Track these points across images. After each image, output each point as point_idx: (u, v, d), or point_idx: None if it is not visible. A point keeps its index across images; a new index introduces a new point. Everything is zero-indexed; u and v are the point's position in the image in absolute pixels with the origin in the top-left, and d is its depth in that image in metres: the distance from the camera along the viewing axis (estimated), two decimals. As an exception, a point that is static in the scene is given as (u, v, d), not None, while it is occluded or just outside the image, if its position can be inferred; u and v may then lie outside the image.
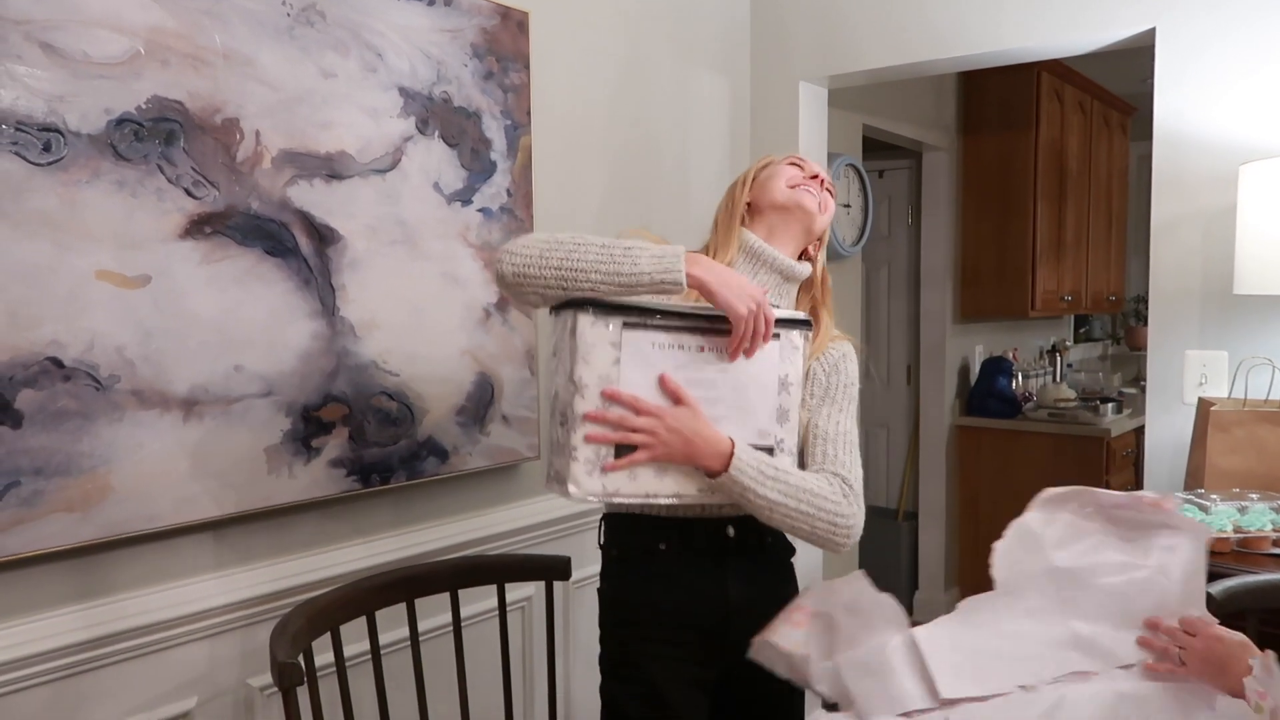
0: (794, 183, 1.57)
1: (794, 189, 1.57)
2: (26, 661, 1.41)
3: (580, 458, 1.33)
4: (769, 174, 1.61)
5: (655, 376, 1.35)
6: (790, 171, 1.60)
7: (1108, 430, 3.93)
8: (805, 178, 1.59)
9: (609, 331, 1.33)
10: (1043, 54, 2.59)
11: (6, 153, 1.35)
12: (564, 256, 1.31)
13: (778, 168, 1.62)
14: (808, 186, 1.58)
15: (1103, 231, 4.71)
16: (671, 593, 1.49)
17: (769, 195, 1.58)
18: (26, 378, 1.38)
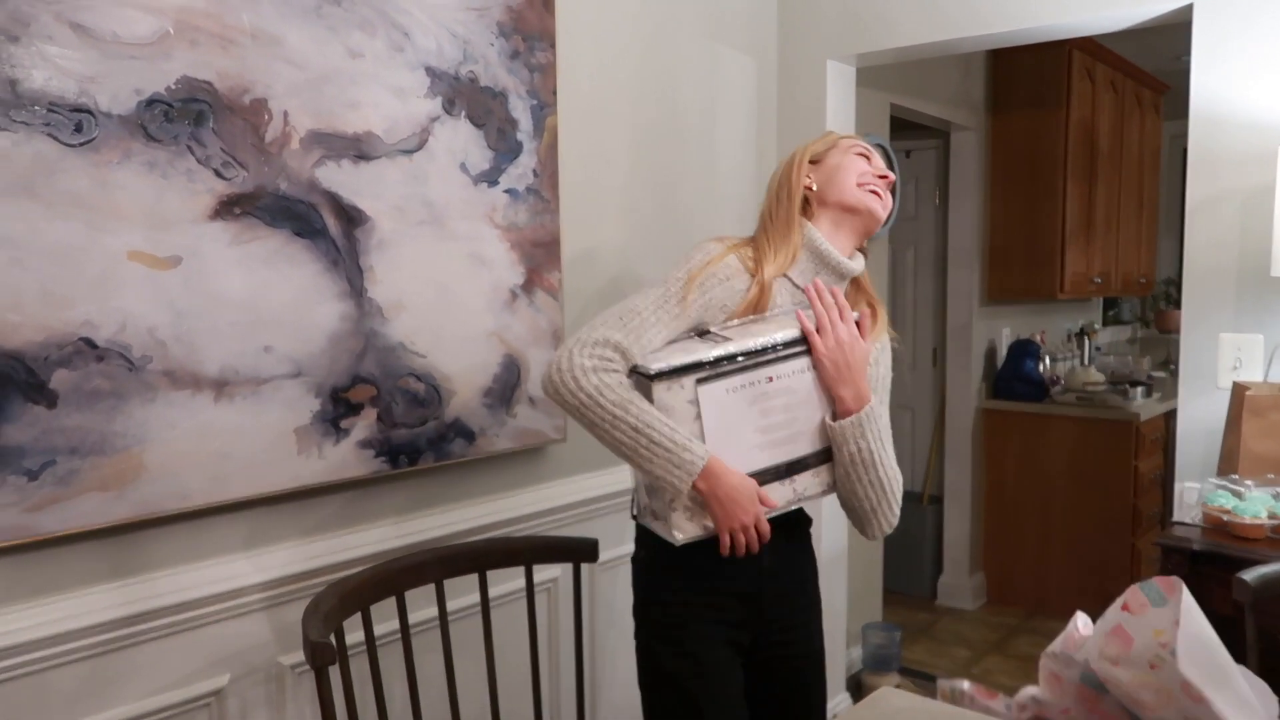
0: (864, 181, 1.56)
1: (864, 189, 1.55)
2: (63, 638, 1.43)
3: (680, 506, 1.43)
4: (837, 165, 1.58)
5: (736, 414, 1.44)
6: (860, 166, 1.57)
7: (1137, 414, 3.89)
8: (874, 176, 1.57)
9: (684, 392, 1.41)
10: (1078, 31, 2.54)
11: (39, 134, 1.36)
12: (598, 420, 1.39)
13: (847, 158, 1.58)
14: (875, 186, 1.56)
15: (1133, 212, 4.64)
16: (712, 559, 1.50)
17: (838, 191, 1.56)
18: (61, 358, 1.39)
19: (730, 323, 1.51)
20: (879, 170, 1.58)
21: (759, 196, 2.82)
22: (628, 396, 1.39)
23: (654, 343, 1.44)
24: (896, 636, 3.33)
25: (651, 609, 1.61)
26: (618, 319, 1.44)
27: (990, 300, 4.22)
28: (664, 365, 1.39)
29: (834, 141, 1.63)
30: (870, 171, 1.57)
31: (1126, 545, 3.93)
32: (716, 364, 1.41)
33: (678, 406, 1.41)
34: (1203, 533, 2.02)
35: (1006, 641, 3.83)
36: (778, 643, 1.62)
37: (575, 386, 1.39)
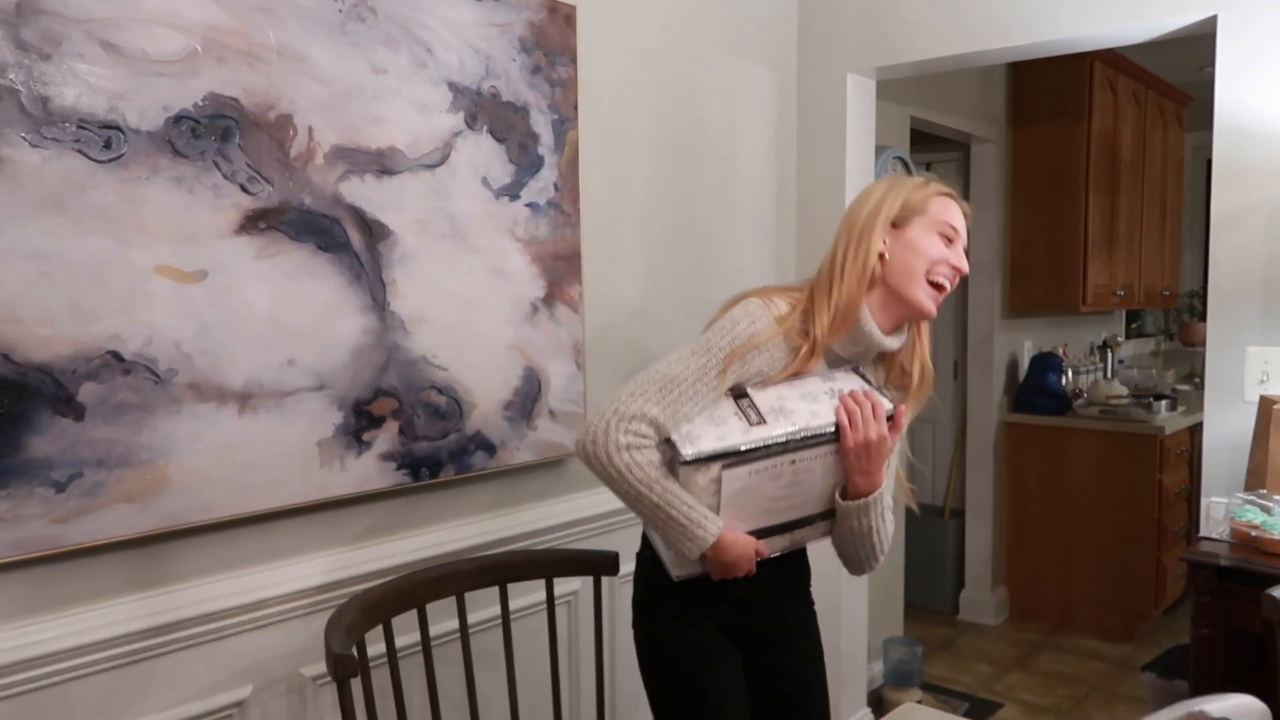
0: (935, 276, 1.48)
1: (931, 286, 1.48)
2: (88, 649, 1.45)
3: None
4: (916, 242, 1.48)
5: (754, 489, 1.48)
6: (937, 251, 1.48)
7: (1161, 428, 3.85)
8: (950, 268, 1.49)
9: (709, 472, 1.45)
10: (1100, 43, 2.53)
11: (69, 150, 1.38)
12: (623, 492, 1.47)
13: (928, 239, 1.48)
14: (945, 280, 1.49)
15: (1156, 224, 4.61)
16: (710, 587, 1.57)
17: (905, 278, 1.48)
18: (88, 371, 1.41)
19: (766, 387, 1.50)
20: (957, 260, 1.49)
21: (779, 209, 2.83)
22: (654, 476, 1.44)
23: (690, 415, 1.46)
24: (918, 651, 3.30)
25: (660, 600, 1.64)
26: (657, 390, 1.45)
27: (1012, 313, 4.19)
28: (694, 453, 1.43)
29: (926, 201, 1.50)
30: (947, 261, 1.48)
31: (1151, 560, 3.88)
32: (747, 453, 1.44)
33: (701, 483, 1.46)
34: (1230, 548, 1.99)
35: (1030, 658, 3.79)
36: (773, 646, 1.66)
37: (607, 460, 1.44)
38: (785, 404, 1.47)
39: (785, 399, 1.48)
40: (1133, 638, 3.91)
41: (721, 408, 1.47)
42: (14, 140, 1.33)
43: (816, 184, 2.85)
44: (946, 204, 1.51)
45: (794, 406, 1.47)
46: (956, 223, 1.50)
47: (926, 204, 1.50)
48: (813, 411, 1.47)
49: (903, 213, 1.50)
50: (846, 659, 2.88)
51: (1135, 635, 3.92)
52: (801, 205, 2.89)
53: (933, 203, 1.50)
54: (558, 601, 2.01)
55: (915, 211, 1.50)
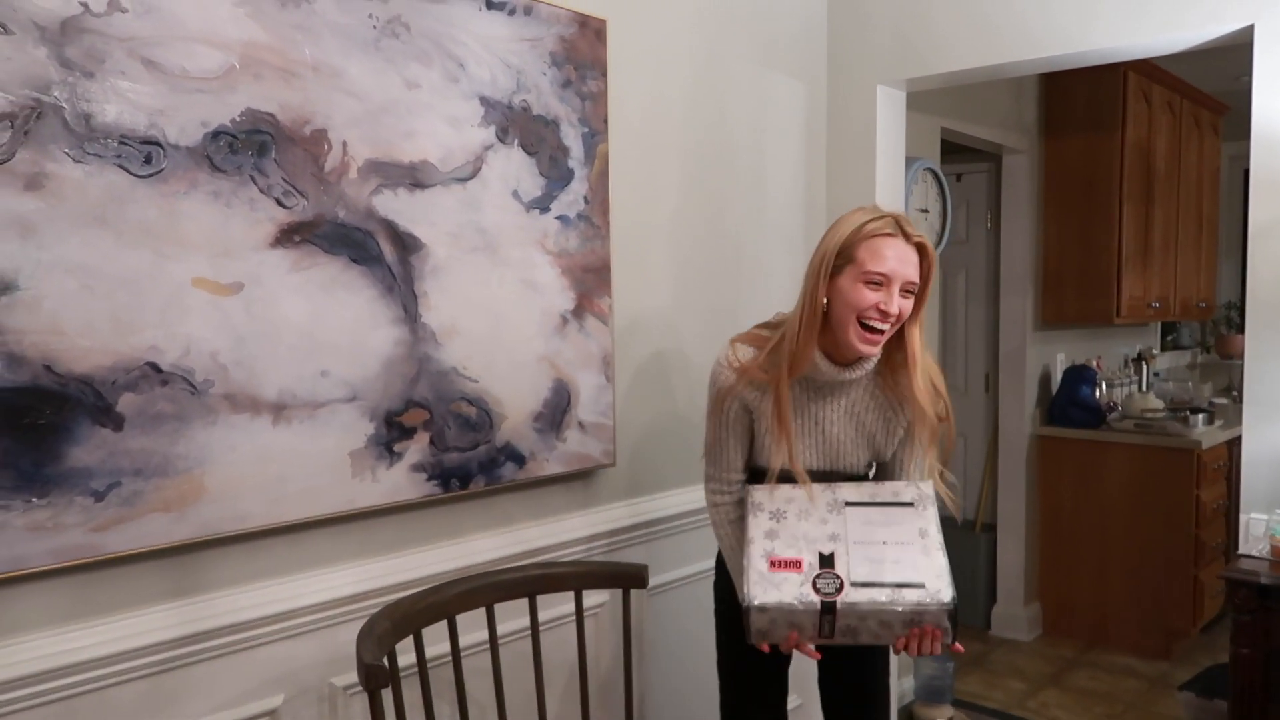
0: (865, 315, 1.58)
1: (862, 329, 1.59)
2: (125, 656, 1.47)
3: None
4: (847, 291, 1.58)
5: None
6: (867, 300, 1.57)
7: (1198, 442, 3.79)
8: (879, 308, 1.57)
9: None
10: (1134, 53, 2.51)
11: (111, 165, 1.41)
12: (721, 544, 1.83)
13: (856, 291, 1.57)
14: (877, 325, 1.58)
15: (1192, 235, 4.54)
16: None
17: (838, 320, 1.61)
18: (127, 382, 1.44)
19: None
20: (885, 304, 1.56)
21: (808, 221, 2.83)
22: (725, 529, 1.81)
23: (735, 456, 1.78)
24: (950, 667, 3.27)
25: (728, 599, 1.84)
26: (709, 456, 1.81)
27: (1044, 325, 4.15)
28: (758, 603, 1.58)
29: (855, 248, 1.59)
30: (875, 307, 1.57)
31: (1189, 577, 3.81)
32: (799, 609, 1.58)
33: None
34: (1271, 566, 1.95)
35: (1063, 674, 3.73)
36: None
37: (709, 510, 1.84)
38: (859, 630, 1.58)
39: (865, 621, 1.57)
40: (1170, 656, 3.84)
41: (806, 617, 1.57)
42: (58, 156, 1.36)
43: (846, 196, 2.85)
44: (874, 249, 1.57)
45: (865, 631, 1.58)
46: (882, 269, 1.56)
47: (855, 250, 1.58)
48: (877, 635, 1.60)
49: (839, 261, 1.60)
50: (877, 674, 2.85)
51: (1172, 653, 3.85)
52: (831, 218, 2.88)
53: (860, 249, 1.58)
54: (586, 614, 2.01)
55: (848, 260, 1.59)
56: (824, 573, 1.58)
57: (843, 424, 1.73)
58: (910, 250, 1.58)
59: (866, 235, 1.57)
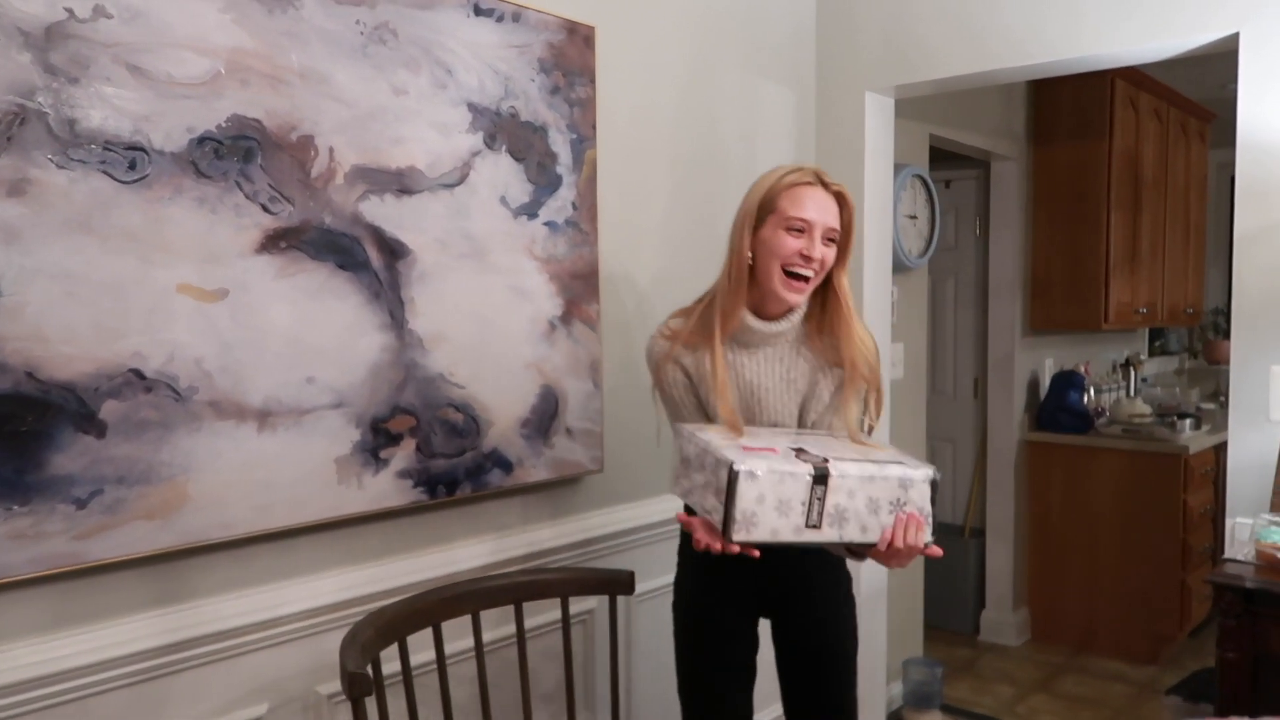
0: (789, 262, 1.60)
1: (787, 277, 1.60)
2: (108, 665, 1.46)
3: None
4: (770, 240, 1.60)
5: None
6: (789, 247, 1.59)
7: (1185, 447, 3.80)
8: (801, 253, 1.59)
9: None
10: (1121, 61, 2.52)
11: (95, 171, 1.40)
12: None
13: (777, 238, 1.59)
14: (802, 270, 1.60)
15: (1180, 242, 4.57)
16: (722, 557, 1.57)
17: (764, 274, 1.62)
18: (111, 389, 1.43)
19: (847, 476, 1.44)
20: (807, 249, 1.59)
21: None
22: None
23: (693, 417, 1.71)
24: (938, 673, 3.27)
25: (685, 592, 1.79)
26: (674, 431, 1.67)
27: (1033, 331, 4.16)
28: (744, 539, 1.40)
29: (776, 198, 1.61)
30: (799, 253, 1.59)
31: (1176, 582, 3.82)
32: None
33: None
34: (1256, 570, 1.96)
35: (1052, 680, 3.74)
36: (792, 622, 1.76)
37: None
38: (847, 511, 1.44)
39: (854, 498, 1.44)
40: (1157, 660, 3.85)
41: (795, 489, 1.41)
42: (41, 162, 1.35)
43: (835, 202, 2.85)
44: (794, 196, 1.60)
45: (852, 515, 1.44)
46: (805, 215, 1.59)
47: (777, 201, 1.61)
48: (863, 527, 1.45)
49: (761, 213, 1.62)
50: (866, 680, 2.84)
51: (1160, 658, 3.86)
52: (820, 223, 2.88)
53: (781, 199, 1.61)
54: (573, 620, 2.00)
55: (770, 210, 1.61)
56: (803, 454, 1.45)
57: (774, 384, 1.69)
58: (830, 199, 1.62)
59: (787, 185, 1.61)
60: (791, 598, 1.74)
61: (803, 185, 1.61)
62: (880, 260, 2.88)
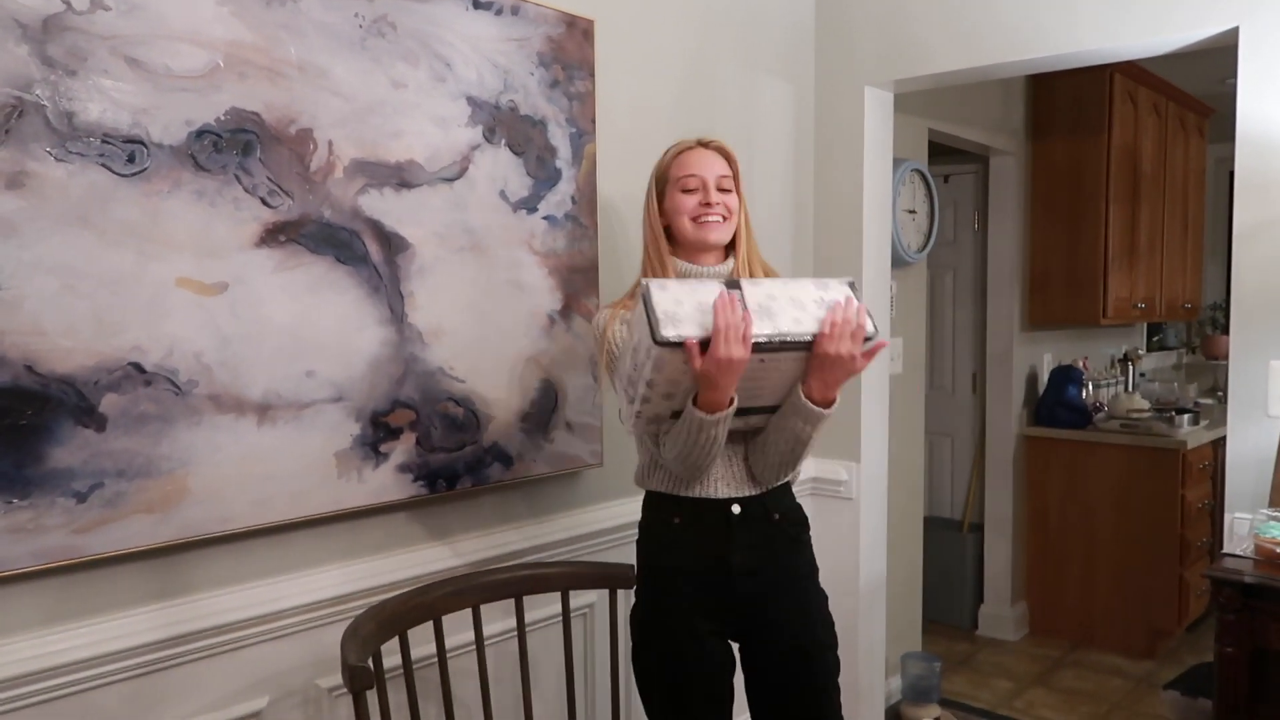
0: (694, 215, 1.70)
1: (697, 223, 1.70)
2: (108, 658, 1.46)
3: None
4: (673, 203, 1.72)
5: None
6: (689, 203, 1.70)
7: (1184, 442, 3.81)
8: (701, 204, 1.69)
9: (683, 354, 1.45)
10: (1119, 56, 2.52)
11: (94, 164, 1.40)
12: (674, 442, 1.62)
13: (676, 199, 1.71)
14: (707, 216, 1.69)
15: (1178, 237, 4.57)
16: (682, 557, 1.70)
17: (680, 231, 1.72)
18: (110, 382, 1.43)
19: (759, 283, 1.53)
20: (704, 198, 1.69)
21: (795, 222, 2.83)
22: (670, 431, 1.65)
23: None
24: (936, 667, 3.28)
25: (640, 608, 1.76)
26: (625, 394, 1.62)
27: (1031, 325, 4.17)
28: (674, 336, 1.43)
29: (667, 168, 1.74)
30: (697, 204, 1.70)
31: (1174, 576, 3.83)
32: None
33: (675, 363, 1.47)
34: (1255, 565, 1.96)
35: (1050, 674, 3.75)
36: (761, 637, 1.72)
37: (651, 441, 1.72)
38: (773, 305, 1.49)
39: (774, 299, 1.50)
40: (1155, 655, 3.86)
41: (709, 292, 1.47)
42: (39, 155, 1.35)
43: (833, 197, 2.85)
44: (681, 160, 1.73)
45: (780, 309, 1.49)
46: (692, 171, 1.71)
47: (668, 171, 1.74)
48: (796, 319, 1.49)
49: (659, 186, 1.75)
50: (864, 674, 2.86)
51: (1158, 652, 3.87)
52: (818, 218, 2.89)
53: (672, 168, 1.74)
54: (573, 614, 2.01)
55: (665, 181, 1.74)
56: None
57: None
58: (712, 154, 1.74)
59: (673, 155, 1.75)
60: (761, 601, 1.71)
61: (685, 150, 1.75)
62: (879, 255, 2.88)
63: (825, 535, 2.87)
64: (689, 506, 1.69)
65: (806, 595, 1.76)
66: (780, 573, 1.72)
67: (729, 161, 1.75)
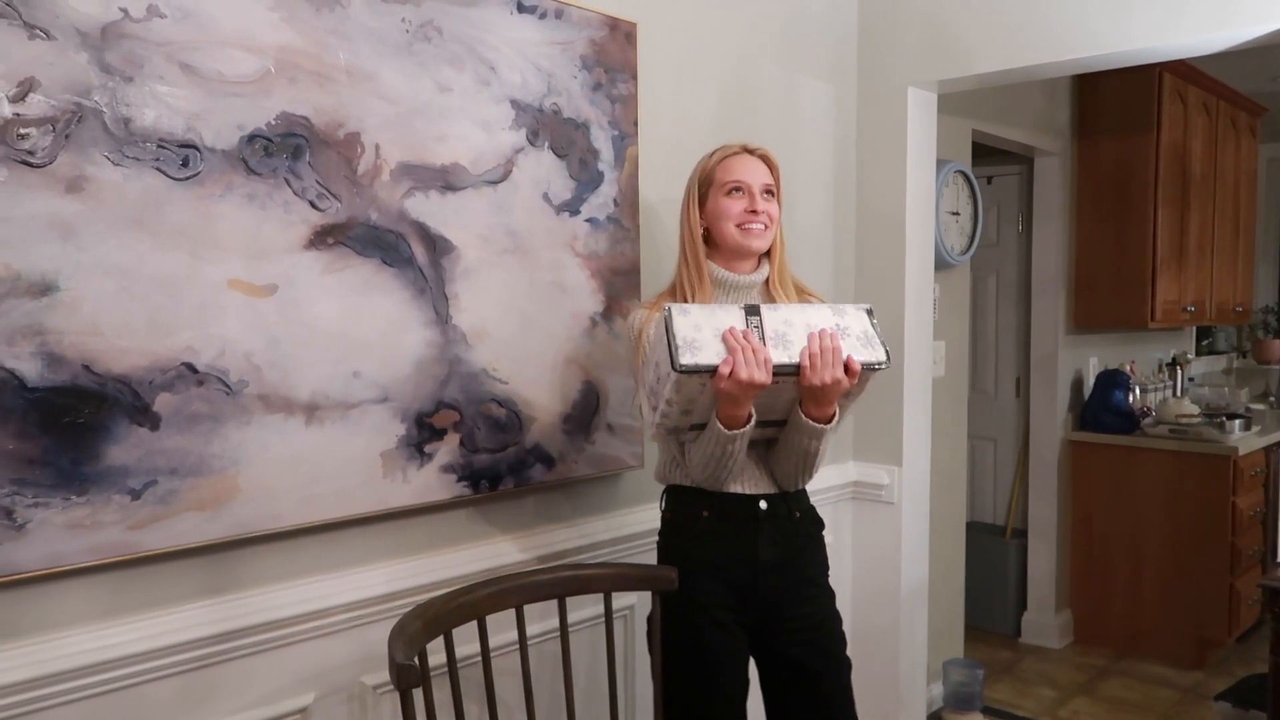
0: (740, 221, 1.75)
1: (742, 229, 1.75)
2: (161, 653, 1.48)
3: None
4: (716, 207, 1.76)
5: None
6: (734, 208, 1.75)
7: (1235, 448, 3.73)
8: (747, 211, 1.74)
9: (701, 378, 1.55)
10: (1170, 55, 2.47)
11: (149, 168, 1.43)
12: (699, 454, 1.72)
13: (720, 202, 1.75)
14: (752, 223, 1.75)
15: (1228, 238, 4.48)
16: (709, 550, 1.77)
17: (721, 236, 1.77)
18: (164, 382, 1.45)
19: (778, 308, 1.61)
20: (750, 206, 1.74)
21: (837, 224, 2.82)
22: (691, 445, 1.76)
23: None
24: (979, 674, 3.24)
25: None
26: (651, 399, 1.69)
27: (1077, 329, 4.10)
28: (691, 364, 1.52)
29: (712, 171, 1.78)
30: (743, 210, 1.75)
31: (1224, 586, 3.75)
32: None
33: (693, 385, 1.56)
34: (1311, 575, 1.92)
35: (1095, 683, 3.68)
36: (774, 632, 1.77)
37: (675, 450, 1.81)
38: (789, 333, 1.58)
39: (791, 327, 1.59)
40: (1204, 665, 3.78)
41: (729, 317, 1.57)
42: (98, 159, 1.38)
43: (876, 199, 2.83)
44: (727, 165, 1.77)
45: (794, 337, 1.58)
46: (738, 177, 1.76)
47: (713, 174, 1.78)
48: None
49: (702, 190, 1.79)
50: (905, 680, 2.83)
51: (1207, 663, 3.79)
52: (861, 220, 2.87)
53: (716, 171, 1.78)
54: (616, 616, 2.01)
55: (709, 184, 1.78)
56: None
57: None
58: (757, 161, 1.79)
59: (718, 160, 1.79)
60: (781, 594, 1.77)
61: (731, 155, 1.78)
62: (922, 257, 2.85)
63: (866, 539, 2.85)
64: (718, 501, 1.76)
65: (821, 591, 1.83)
66: (800, 568, 1.80)
67: (772, 169, 1.80)
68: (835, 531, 2.77)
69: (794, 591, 1.78)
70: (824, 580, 1.85)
